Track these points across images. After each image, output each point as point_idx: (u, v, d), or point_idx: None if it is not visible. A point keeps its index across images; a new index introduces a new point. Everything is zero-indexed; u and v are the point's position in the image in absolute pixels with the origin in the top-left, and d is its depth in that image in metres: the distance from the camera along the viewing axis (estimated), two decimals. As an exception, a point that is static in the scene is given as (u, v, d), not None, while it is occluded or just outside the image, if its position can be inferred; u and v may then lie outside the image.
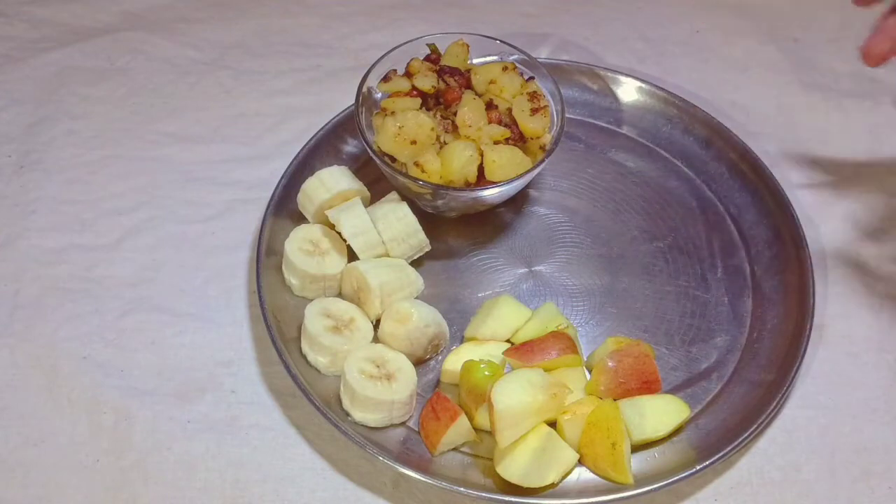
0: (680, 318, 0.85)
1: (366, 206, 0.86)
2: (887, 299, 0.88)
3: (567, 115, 0.89)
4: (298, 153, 0.92)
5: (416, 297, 0.84)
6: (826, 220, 0.94)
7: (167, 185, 0.96)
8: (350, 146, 0.95)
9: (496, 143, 0.84)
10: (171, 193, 0.95)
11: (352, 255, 0.84)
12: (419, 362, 0.80)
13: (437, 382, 0.80)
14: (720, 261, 0.90)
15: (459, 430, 0.74)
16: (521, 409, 0.71)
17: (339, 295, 0.85)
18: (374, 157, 0.85)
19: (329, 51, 1.10)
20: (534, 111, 0.85)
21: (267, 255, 0.85)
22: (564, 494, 0.72)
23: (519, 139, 0.85)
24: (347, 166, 0.89)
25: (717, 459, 0.74)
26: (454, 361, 0.78)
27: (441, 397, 0.75)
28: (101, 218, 0.93)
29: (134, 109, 1.03)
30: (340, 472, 0.76)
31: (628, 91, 1.01)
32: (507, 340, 0.81)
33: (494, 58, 0.91)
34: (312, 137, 0.94)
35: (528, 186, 0.91)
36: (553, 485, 0.73)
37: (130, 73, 1.07)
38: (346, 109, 0.95)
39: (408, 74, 0.88)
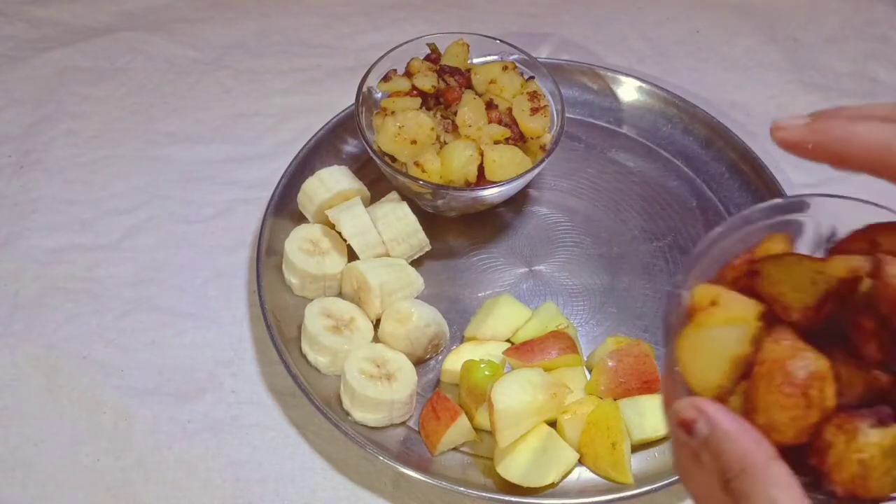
0: (680, 317, 0.85)
1: (366, 206, 0.86)
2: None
3: (567, 115, 0.89)
4: (298, 153, 0.92)
5: (416, 297, 0.84)
6: (826, 219, 0.94)
7: (167, 184, 0.96)
8: (350, 146, 0.95)
9: (496, 142, 0.84)
10: (171, 193, 0.95)
11: (352, 255, 0.84)
12: (419, 362, 0.80)
13: (438, 382, 0.80)
14: (720, 261, 0.89)
15: (459, 429, 0.74)
16: (521, 409, 0.71)
17: (340, 295, 0.85)
18: (375, 157, 0.85)
19: (329, 51, 1.10)
20: (534, 111, 0.85)
21: (267, 255, 0.85)
22: (564, 494, 0.72)
23: (519, 139, 0.85)
24: (347, 166, 0.89)
25: (718, 459, 0.74)
26: (454, 361, 0.78)
27: (441, 397, 0.75)
28: (101, 218, 0.93)
29: (134, 109, 1.03)
30: (340, 472, 0.76)
31: (628, 91, 1.01)
32: (508, 340, 0.81)
33: (494, 57, 0.91)
34: (312, 137, 0.94)
35: (528, 186, 0.91)
36: (553, 485, 0.73)
37: (130, 72, 1.07)
38: (346, 109, 0.95)
39: (408, 74, 0.88)
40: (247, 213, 0.93)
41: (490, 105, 0.86)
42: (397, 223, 0.84)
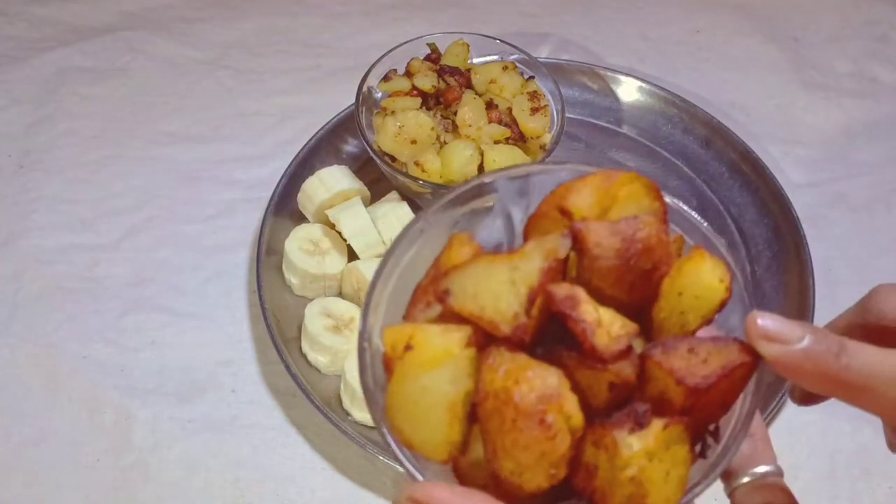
0: (680, 317, 0.85)
1: (366, 206, 0.86)
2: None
3: (567, 115, 0.89)
4: (299, 153, 0.92)
5: (417, 297, 0.84)
6: (826, 219, 0.94)
7: (167, 184, 0.96)
8: (350, 146, 0.95)
9: (496, 142, 0.84)
10: (171, 193, 0.95)
11: (352, 255, 0.84)
12: (419, 362, 0.80)
13: (438, 382, 0.80)
14: (720, 260, 0.89)
15: (459, 429, 0.74)
16: (521, 409, 0.71)
17: (340, 294, 0.85)
18: (375, 157, 0.85)
19: (329, 50, 1.10)
20: (534, 111, 0.85)
21: (267, 255, 0.85)
22: (564, 494, 0.72)
23: (519, 139, 0.85)
24: (347, 166, 0.89)
25: (718, 459, 0.73)
26: (454, 361, 0.78)
27: (441, 397, 0.75)
28: (102, 217, 0.93)
29: (134, 109, 1.03)
30: (341, 472, 0.76)
31: (628, 91, 1.01)
32: (508, 340, 0.81)
33: (495, 57, 0.91)
34: (312, 137, 0.94)
35: (528, 186, 0.91)
36: (553, 484, 0.72)
37: (131, 72, 1.07)
38: (346, 109, 0.95)
39: (408, 74, 0.88)
40: (247, 213, 0.93)
41: (490, 105, 0.86)
42: (397, 223, 0.84)
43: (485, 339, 0.36)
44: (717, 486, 0.80)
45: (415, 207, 0.86)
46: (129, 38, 1.10)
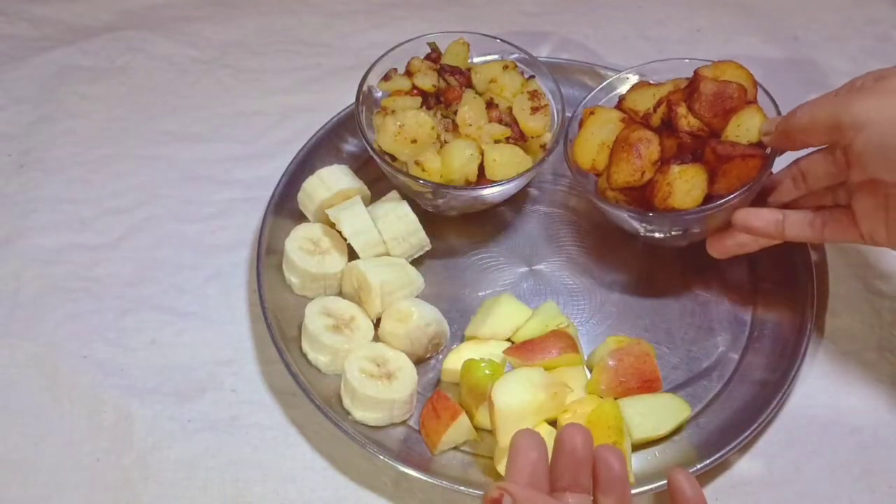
0: (680, 316, 0.85)
1: (366, 205, 0.86)
2: (888, 298, 0.88)
3: (568, 114, 0.89)
4: (299, 152, 0.92)
5: (417, 296, 0.84)
6: (827, 218, 0.94)
7: (167, 183, 0.96)
8: (350, 145, 0.95)
9: (497, 141, 0.84)
10: (171, 192, 0.95)
11: (352, 254, 0.84)
12: (419, 361, 0.80)
13: (438, 381, 0.80)
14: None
15: (460, 428, 0.74)
16: (521, 408, 0.71)
17: (340, 294, 0.85)
18: (375, 156, 0.85)
19: (329, 49, 1.10)
20: (534, 110, 0.85)
21: (267, 254, 0.85)
22: (565, 494, 0.72)
23: (520, 138, 0.85)
24: (348, 165, 0.89)
25: (718, 459, 0.74)
26: (455, 360, 0.78)
27: (441, 396, 0.75)
28: (101, 217, 0.93)
29: (134, 108, 1.03)
30: (341, 472, 0.76)
31: (629, 90, 1.01)
32: (508, 339, 0.81)
33: (495, 56, 0.91)
34: (313, 136, 0.94)
35: (528, 185, 0.91)
36: (553, 484, 0.73)
37: (130, 71, 1.07)
38: (346, 108, 0.95)
39: (408, 73, 0.88)
40: (247, 213, 0.93)
41: (490, 104, 0.86)
42: (397, 222, 0.84)
43: (630, 122, 0.81)
44: (717, 487, 0.80)
45: (415, 207, 0.86)
46: (128, 38, 1.10)
